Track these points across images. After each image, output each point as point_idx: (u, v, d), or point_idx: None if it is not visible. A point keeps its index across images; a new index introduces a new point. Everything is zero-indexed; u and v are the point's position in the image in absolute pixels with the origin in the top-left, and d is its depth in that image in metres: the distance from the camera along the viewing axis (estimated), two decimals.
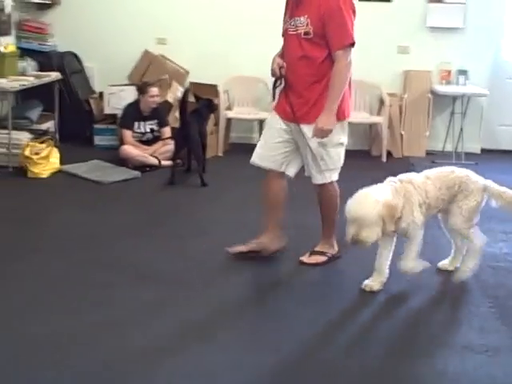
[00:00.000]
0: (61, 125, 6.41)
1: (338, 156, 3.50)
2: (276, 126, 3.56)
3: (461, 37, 6.63)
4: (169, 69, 6.59)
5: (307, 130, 3.39)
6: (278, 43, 3.54)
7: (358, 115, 6.51)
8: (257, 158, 3.63)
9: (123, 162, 5.70)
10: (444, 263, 3.66)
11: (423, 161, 6.29)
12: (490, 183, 3.40)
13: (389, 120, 6.47)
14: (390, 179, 3.29)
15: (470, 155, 6.50)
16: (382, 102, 6.55)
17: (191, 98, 5.82)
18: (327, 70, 3.30)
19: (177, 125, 5.72)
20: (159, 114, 5.95)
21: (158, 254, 3.84)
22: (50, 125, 6.28)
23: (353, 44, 3.26)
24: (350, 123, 6.43)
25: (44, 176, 5.34)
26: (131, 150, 5.71)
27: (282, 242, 3.76)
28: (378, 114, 6.58)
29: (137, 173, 5.50)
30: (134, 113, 5.86)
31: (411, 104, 6.59)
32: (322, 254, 3.71)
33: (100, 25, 6.78)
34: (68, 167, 5.55)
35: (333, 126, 3.31)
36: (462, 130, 6.50)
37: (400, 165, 6.01)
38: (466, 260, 3.48)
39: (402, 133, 6.61)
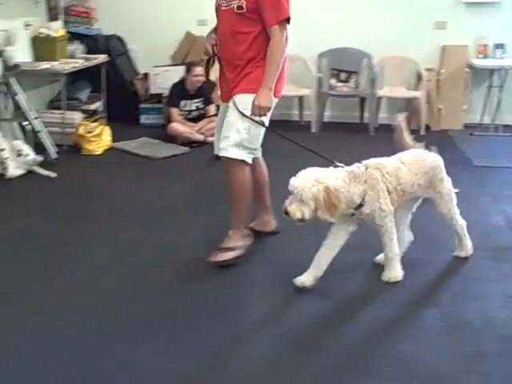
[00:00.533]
0: (108, 105, 6.68)
1: (255, 135, 3.28)
2: (222, 115, 3.46)
3: (497, 11, 6.68)
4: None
5: (236, 98, 3.23)
6: (319, 23, 3.45)
7: (396, 90, 6.67)
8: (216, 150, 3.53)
9: (171, 138, 5.95)
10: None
11: (461, 133, 6.41)
12: None
13: (427, 94, 6.60)
14: (356, 164, 3.11)
15: (507, 127, 6.59)
16: (419, 77, 6.68)
17: None
18: (261, 46, 3.19)
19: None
20: (204, 92, 6.18)
21: (212, 219, 4.10)
22: (98, 105, 6.55)
23: (288, 19, 3.15)
24: (388, 98, 6.76)
25: (97, 153, 5.64)
26: (179, 127, 5.96)
27: (273, 224, 3.74)
28: (416, 88, 6.70)
29: (185, 148, 5.76)
30: (179, 92, 6.10)
31: (449, 78, 6.68)
32: (230, 249, 3.38)
33: (142, 8, 6.98)
34: (119, 144, 5.83)
35: (270, 103, 3.20)
36: (499, 102, 6.58)
37: (438, 138, 6.13)
38: (463, 242, 3.48)
39: (440, 106, 6.72)
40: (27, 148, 5.09)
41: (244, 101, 3.20)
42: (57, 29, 6.23)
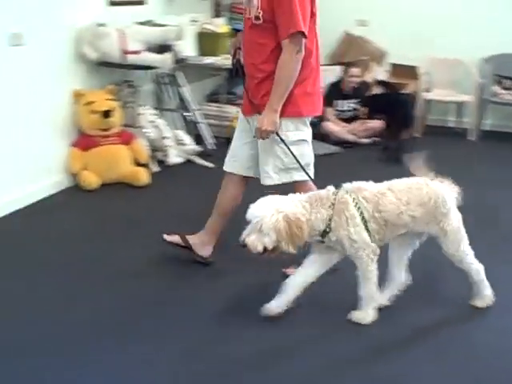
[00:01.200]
0: None
1: (298, 152, 3.03)
2: (240, 126, 3.24)
3: None
4: (368, 50, 6.73)
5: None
6: (483, 26, 3.09)
7: None
8: (227, 165, 3.33)
9: (323, 137, 5.97)
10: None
11: None
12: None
13: None
14: (329, 187, 2.79)
15: None
16: None
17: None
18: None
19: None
20: (360, 93, 6.14)
21: None
22: None
23: (301, 33, 2.80)
24: None
25: None
26: (332, 126, 5.97)
27: (208, 251, 3.41)
28: None
29: (337, 148, 5.76)
30: (335, 91, 6.12)
31: None
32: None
33: None
34: None
35: (273, 126, 2.90)
36: None
37: None
38: (479, 289, 2.98)
39: None
40: (187, 138, 5.34)
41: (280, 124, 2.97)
42: (220, 25, 6.46)
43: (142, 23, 5.16)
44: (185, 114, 5.60)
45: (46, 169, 4.49)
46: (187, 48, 5.73)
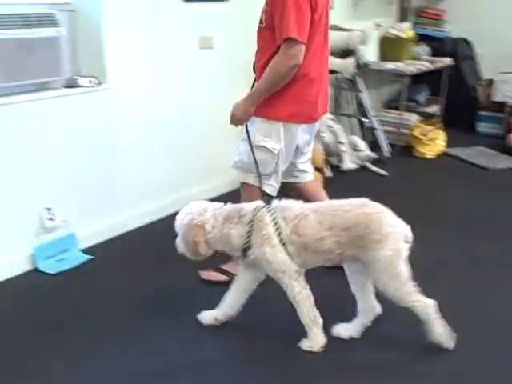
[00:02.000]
0: (446, 109, 6.54)
1: (259, 157, 2.90)
2: None
3: None
4: None
5: (249, 120, 2.97)
6: None
7: None
8: None
9: (509, 150, 5.58)
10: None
11: None
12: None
13: None
14: (256, 202, 2.64)
15: None
16: None
17: None
18: None
19: None
20: None
21: None
22: (435, 109, 6.47)
23: (292, 39, 2.69)
24: None
25: (429, 156, 5.58)
26: None
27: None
28: None
29: None
30: None
31: None
32: (223, 272, 3.18)
33: (494, 11, 6.65)
34: (452, 150, 5.69)
35: (245, 116, 2.89)
36: None
37: None
38: (432, 328, 2.55)
39: None
40: (363, 144, 5.27)
41: (253, 123, 2.96)
42: (405, 30, 6.30)
43: None
44: (362, 119, 5.53)
45: (220, 168, 4.66)
46: (369, 53, 5.67)
